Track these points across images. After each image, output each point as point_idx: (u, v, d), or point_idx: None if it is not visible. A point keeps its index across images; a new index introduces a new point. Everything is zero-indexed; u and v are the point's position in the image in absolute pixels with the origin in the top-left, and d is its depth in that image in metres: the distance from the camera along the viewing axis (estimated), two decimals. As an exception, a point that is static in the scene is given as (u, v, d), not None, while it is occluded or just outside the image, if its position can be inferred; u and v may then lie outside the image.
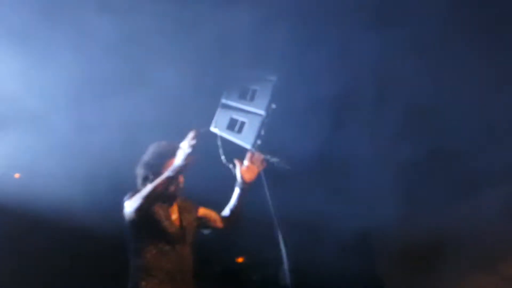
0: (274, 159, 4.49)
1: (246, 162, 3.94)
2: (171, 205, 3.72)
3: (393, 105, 4.90)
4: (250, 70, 4.57)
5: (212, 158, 3.99)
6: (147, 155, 3.75)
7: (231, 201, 3.97)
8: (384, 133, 5.06)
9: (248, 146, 4.48)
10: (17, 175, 5.65)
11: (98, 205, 5.52)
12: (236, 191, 3.93)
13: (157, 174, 3.57)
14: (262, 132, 4.43)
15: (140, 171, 3.73)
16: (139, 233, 3.60)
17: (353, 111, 4.92)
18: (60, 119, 5.12)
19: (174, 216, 3.71)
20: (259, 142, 4.44)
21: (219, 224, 3.94)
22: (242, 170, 3.92)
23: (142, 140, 4.94)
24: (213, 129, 4.18)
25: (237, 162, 3.95)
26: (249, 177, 3.90)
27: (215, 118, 4.22)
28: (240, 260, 6.30)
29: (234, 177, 3.99)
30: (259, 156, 3.97)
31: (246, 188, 3.91)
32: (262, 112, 4.37)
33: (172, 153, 3.59)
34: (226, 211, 3.97)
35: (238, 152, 4.16)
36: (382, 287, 5.22)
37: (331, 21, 4.69)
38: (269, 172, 4.79)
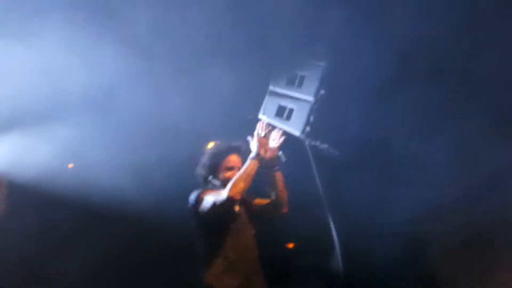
0: (323, 146, 4.48)
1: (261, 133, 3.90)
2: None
3: (443, 85, 4.78)
4: (298, 56, 4.54)
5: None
6: (205, 157, 3.86)
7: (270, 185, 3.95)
8: (434, 115, 4.96)
9: (297, 133, 4.47)
10: (70, 165, 5.77)
11: (151, 194, 5.60)
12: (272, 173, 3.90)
13: (215, 173, 3.74)
14: (311, 119, 4.41)
15: (200, 172, 3.86)
16: (207, 225, 3.68)
17: (402, 95, 4.82)
18: (114, 109, 5.21)
19: (237, 208, 3.77)
20: (308, 128, 4.42)
21: (274, 212, 3.98)
22: (252, 145, 3.87)
23: (193, 132, 5.03)
24: (261, 116, 4.18)
25: (250, 138, 3.91)
26: (263, 150, 3.83)
27: (263, 105, 4.21)
28: (290, 246, 6.32)
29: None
30: (279, 131, 3.96)
31: (268, 165, 3.86)
32: (311, 98, 4.35)
33: (227, 152, 3.77)
34: (272, 196, 3.99)
35: (287, 139, 4.15)
36: (435, 274, 5.15)
37: (379, 4, 4.61)
38: (318, 159, 4.79)
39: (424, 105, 4.93)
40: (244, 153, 3.80)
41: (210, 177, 3.78)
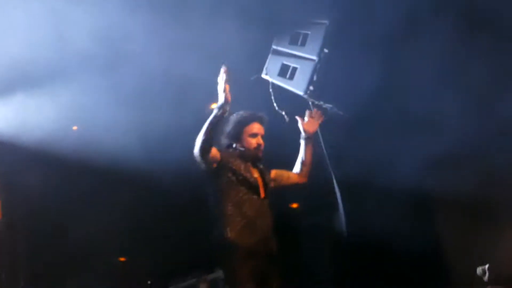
0: (327, 105, 4.44)
1: (306, 117, 4.04)
2: (254, 165, 3.88)
3: (453, 33, 4.66)
4: (300, 14, 4.46)
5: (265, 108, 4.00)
6: (228, 125, 3.89)
7: (299, 155, 4.06)
8: (445, 66, 4.85)
9: (300, 92, 4.43)
10: (75, 128, 5.78)
11: (153, 155, 5.61)
12: (302, 144, 4.04)
13: (238, 140, 3.80)
14: (315, 78, 4.36)
15: (224, 141, 3.90)
16: (219, 181, 3.75)
17: (408, 51, 4.73)
18: (118, 69, 5.18)
19: (256, 174, 3.86)
20: (311, 88, 4.39)
21: (294, 180, 4.06)
22: (304, 124, 4.03)
23: (192, 95, 4.99)
24: (264, 76, 4.13)
25: (298, 118, 4.05)
26: (312, 129, 4.03)
27: (266, 64, 4.16)
28: (294, 206, 6.35)
29: (289, 128, 4.05)
30: (318, 111, 4.09)
31: (310, 140, 4.04)
32: (314, 57, 4.30)
33: (250, 120, 3.83)
34: (297, 166, 4.06)
35: (290, 99, 4.12)
36: (440, 236, 5.16)
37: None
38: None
39: (434, 55, 4.82)
40: (266, 122, 3.89)
41: (235, 145, 3.84)
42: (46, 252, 5.73)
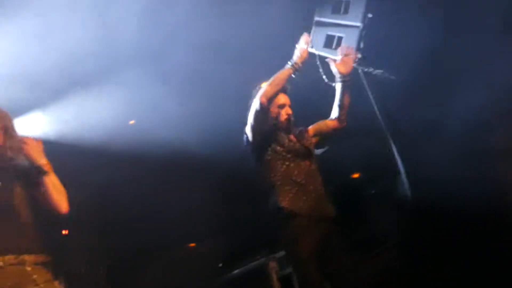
0: (377, 71, 4.37)
1: (339, 57, 4.00)
2: (291, 133, 3.91)
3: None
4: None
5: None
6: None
7: (336, 99, 4.01)
8: (493, 28, 4.68)
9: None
10: (131, 122, 5.90)
11: (212, 146, 5.66)
12: (338, 86, 3.99)
13: (270, 114, 3.82)
14: (361, 45, 4.29)
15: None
16: (263, 154, 3.81)
17: (457, 11, 4.58)
18: (174, 63, 5.24)
19: (296, 141, 3.90)
20: (359, 55, 4.31)
21: (333, 125, 4.03)
22: (337, 65, 3.98)
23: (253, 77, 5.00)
24: (310, 49, 4.09)
25: (330, 60, 4.02)
26: (345, 69, 3.96)
27: (311, 37, 4.11)
28: (355, 175, 6.29)
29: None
30: (349, 48, 4.03)
31: (346, 80, 3.97)
32: (359, 24, 4.22)
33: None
34: (334, 111, 4.02)
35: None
36: (505, 194, 4.99)
37: None
38: (374, 84, 4.68)
39: (482, 17, 4.66)
40: (289, 92, 3.91)
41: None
42: (118, 245, 5.91)
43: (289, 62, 3.83)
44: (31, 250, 3.08)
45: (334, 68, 3.98)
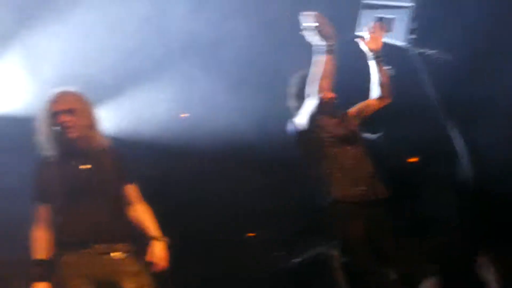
0: (432, 52, 4.23)
1: (367, 34, 3.90)
2: (333, 116, 3.85)
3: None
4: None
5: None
6: (292, 88, 3.92)
7: (372, 78, 3.92)
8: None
9: (401, 43, 4.24)
10: (183, 115, 5.94)
11: (266, 137, 5.63)
12: (372, 64, 3.90)
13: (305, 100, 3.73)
14: (414, 25, 4.16)
15: (292, 104, 3.91)
16: (308, 142, 3.77)
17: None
18: (227, 54, 5.25)
19: (339, 124, 3.85)
20: (412, 36, 4.19)
21: (377, 105, 3.96)
22: (367, 43, 3.90)
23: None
24: (359, 34, 3.99)
25: (358, 40, 3.93)
26: (376, 45, 3.89)
27: (358, 21, 4.02)
28: (414, 160, 6.15)
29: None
30: (377, 24, 3.93)
31: (379, 58, 3.89)
32: (409, 4, 4.09)
33: None
34: (375, 90, 3.93)
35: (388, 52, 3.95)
36: None
37: None
38: (429, 65, 4.53)
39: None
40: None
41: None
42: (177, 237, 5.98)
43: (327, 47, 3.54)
44: (124, 239, 3.22)
45: (364, 47, 3.90)
